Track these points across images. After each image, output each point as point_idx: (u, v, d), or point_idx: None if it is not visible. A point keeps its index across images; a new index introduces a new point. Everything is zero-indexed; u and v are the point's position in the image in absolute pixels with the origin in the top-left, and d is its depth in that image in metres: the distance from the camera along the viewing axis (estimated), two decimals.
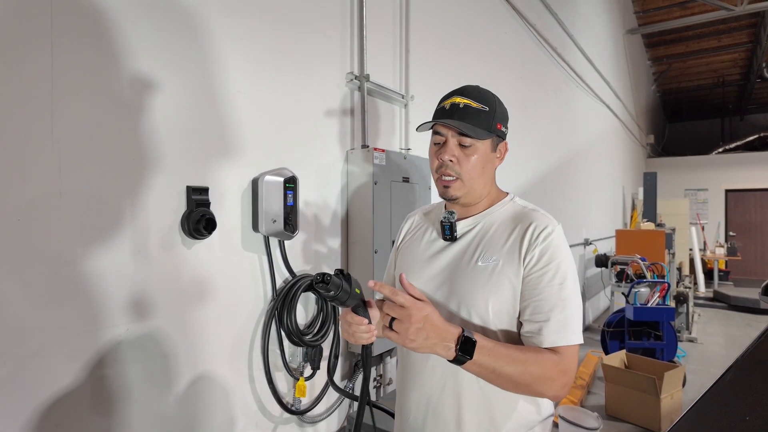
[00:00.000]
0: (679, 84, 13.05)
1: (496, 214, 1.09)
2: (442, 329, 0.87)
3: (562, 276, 0.97)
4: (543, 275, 0.97)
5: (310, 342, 1.77)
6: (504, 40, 3.66)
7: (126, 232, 1.30)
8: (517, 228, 1.04)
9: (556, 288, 0.96)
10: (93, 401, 1.24)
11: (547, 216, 1.05)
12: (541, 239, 0.99)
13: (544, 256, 0.98)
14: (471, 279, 1.02)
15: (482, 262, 1.03)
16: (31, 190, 1.12)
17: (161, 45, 1.38)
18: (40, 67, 1.13)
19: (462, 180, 1.05)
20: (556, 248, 0.99)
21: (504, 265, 1.00)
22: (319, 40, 1.93)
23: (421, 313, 0.85)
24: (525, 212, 1.07)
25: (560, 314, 0.95)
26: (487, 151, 1.06)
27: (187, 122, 1.45)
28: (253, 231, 1.64)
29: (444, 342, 0.87)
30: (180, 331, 1.44)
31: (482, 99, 1.05)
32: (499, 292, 0.99)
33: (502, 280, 1.00)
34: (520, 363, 0.90)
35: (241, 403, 1.64)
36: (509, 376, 0.90)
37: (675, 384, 3.27)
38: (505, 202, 1.12)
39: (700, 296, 8.22)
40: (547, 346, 0.95)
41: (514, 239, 1.02)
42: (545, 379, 0.92)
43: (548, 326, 0.95)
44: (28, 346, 1.12)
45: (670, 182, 11.62)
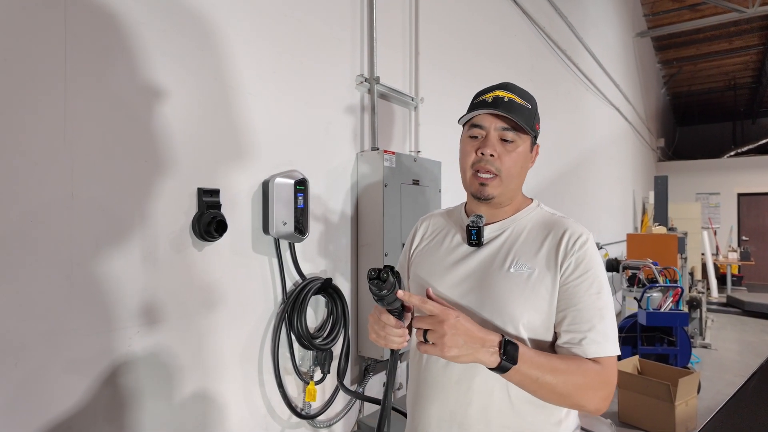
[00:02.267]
0: (689, 87, 12.94)
1: (524, 220, 1.05)
2: (478, 334, 0.85)
3: (599, 285, 0.95)
4: (580, 284, 0.94)
5: (321, 346, 1.76)
6: (513, 43, 3.65)
7: (137, 234, 1.29)
8: (550, 235, 1.00)
9: (594, 297, 0.93)
10: (103, 404, 1.23)
11: (579, 224, 1.02)
12: (578, 247, 0.96)
13: (580, 264, 0.95)
14: (505, 287, 0.97)
15: (515, 270, 0.98)
16: (43, 192, 1.12)
17: (173, 48, 1.38)
18: (53, 70, 1.13)
19: (500, 178, 1.00)
20: (592, 257, 0.96)
21: (540, 274, 0.96)
22: (329, 43, 1.93)
23: (451, 318, 0.83)
24: (555, 219, 1.03)
25: (599, 324, 0.92)
26: (527, 149, 1.03)
27: (199, 124, 1.45)
28: (264, 233, 1.63)
29: (485, 347, 0.84)
30: (190, 334, 1.43)
31: (525, 96, 1.03)
32: (536, 301, 0.95)
33: (539, 288, 0.96)
34: (563, 372, 0.88)
35: (251, 406, 1.63)
36: (552, 385, 0.87)
37: (690, 390, 3.21)
38: (532, 208, 1.07)
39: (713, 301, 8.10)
40: (588, 357, 0.92)
41: (549, 247, 0.98)
42: (588, 389, 0.89)
43: (589, 337, 0.92)
44: (38, 349, 1.11)
45: (681, 186, 11.50)
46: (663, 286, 4.35)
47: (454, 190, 2.70)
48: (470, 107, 1.04)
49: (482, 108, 1.00)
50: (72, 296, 1.17)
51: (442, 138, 2.63)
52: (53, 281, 1.13)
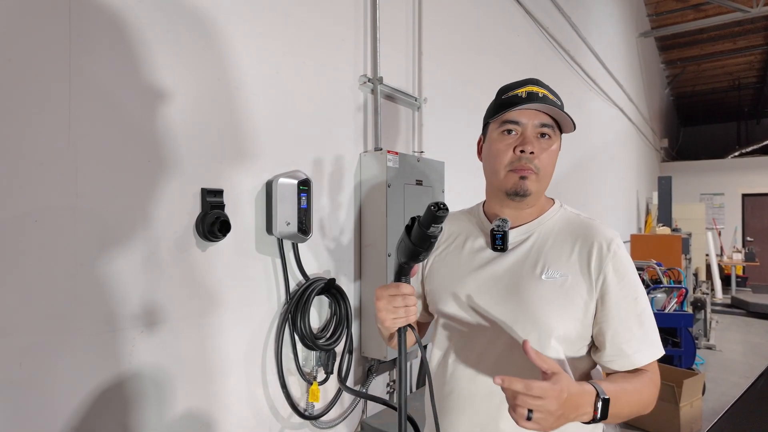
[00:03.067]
0: (693, 87, 12.90)
1: (550, 223, 0.99)
2: (580, 402, 0.78)
3: (635, 290, 0.91)
4: (619, 293, 0.90)
5: (324, 346, 1.76)
6: (517, 43, 3.64)
7: (141, 234, 1.29)
8: (579, 240, 0.94)
9: (632, 305, 0.90)
10: (107, 405, 1.23)
11: (605, 225, 0.97)
12: (612, 254, 0.91)
13: (618, 271, 0.90)
14: (539, 295, 0.91)
15: (547, 277, 0.92)
16: (48, 192, 1.12)
17: (177, 49, 1.38)
18: (57, 71, 1.13)
19: (538, 175, 0.94)
20: (625, 261, 0.92)
21: (574, 281, 0.91)
22: (333, 43, 1.93)
23: (560, 400, 0.74)
24: (582, 222, 0.98)
25: (639, 331, 0.90)
26: (558, 144, 0.97)
27: (203, 125, 1.45)
28: (267, 233, 1.63)
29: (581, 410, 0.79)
30: (193, 334, 1.43)
31: (555, 93, 0.97)
32: (573, 310, 0.90)
33: (574, 297, 0.90)
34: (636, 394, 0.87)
35: (254, 407, 1.62)
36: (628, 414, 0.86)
37: (695, 392, 3.20)
38: (556, 210, 1.01)
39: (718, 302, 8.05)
40: (636, 366, 0.90)
41: (581, 253, 0.93)
42: (651, 402, 0.89)
43: (634, 346, 0.89)
44: (41, 348, 1.11)
45: (685, 187, 11.45)
46: (667, 287, 4.33)
47: (457, 191, 2.69)
48: (500, 104, 0.97)
49: (519, 103, 0.92)
50: (76, 297, 1.17)
51: (446, 138, 2.63)
52: (57, 282, 1.13)
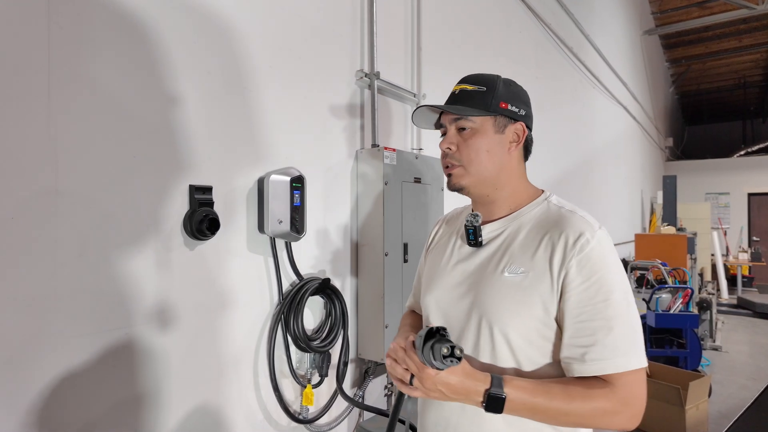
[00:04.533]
0: (698, 86, 12.79)
1: (525, 218, 0.96)
2: (463, 389, 0.80)
3: (607, 291, 0.83)
4: (583, 293, 0.83)
5: (318, 348, 1.71)
6: (518, 39, 3.58)
7: (125, 232, 1.25)
8: (548, 235, 0.89)
9: (600, 306, 0.82)
10: (89, 407, 1.19)
11: (586, 219, 0.90)
12: (578, 250, 0.84)
13: (582, 269, 0.84)
14: (497, 292, 0.90)
15: (509, 273, 0.90)
16: (26, 188, 1.07)
17: (163, 41, 1.33)
18: (35, 62, 1.09)
19: (464, 166, 0.96)
20: (597, 258, 0.84)
21: (535, 278, 0.87)
22: (328, 37, 1.88)
23: (434, 381, 0.79)
24: (559, 215, 0.92)
25: (606, 338, 0.81)
26: (489, 131, 0.95)
27: (191, 119, 1.40)
28: (259, 232, 1.58)
29: (470, 396, 0.81)
30: (181, 336, 1.38)
31: (479, 81, 0.97)
32: (529, 309, 0.87)
33: (532, 294, 0.87)
34: (563, 401, 0.81)
35: (246, 410, 1.58)
36: (553, 417, 0.82)
37: (701, 394, 3.13)
38: (538, 203, 0.97)
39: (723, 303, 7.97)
40: (592, 374, 0.82)
41: (545, 248, 0.88)
42: (600, 414, 0.81)
43: (593, 352, 0.82)
44: (20, 350, 1.07)
45: (690, 186, 11.35)
46: (672, 287, 4.27)
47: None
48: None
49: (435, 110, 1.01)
50: (56, 297, 1.12)
51: None
52: (36, 282, 1.09)
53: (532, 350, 0.88)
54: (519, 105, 0.97)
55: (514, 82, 1.00)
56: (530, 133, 1.00)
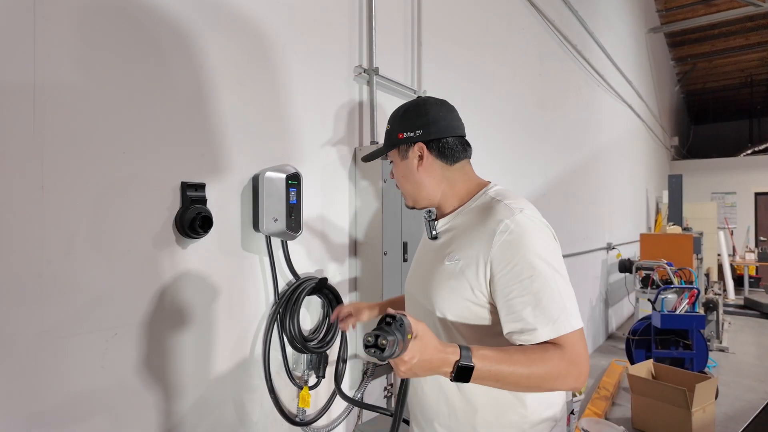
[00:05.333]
0: (704, 84, 12.68)
1: (466, 211, 1.10)
2: (435, 362, 0.84)
3: (530, 268, 0.92)
4: (508, 273, 0.93)
5: (315, 349, 1.67)
6: (521, 35, 3.54)
7: (114, 229, 1.22)
8: (478, 225, 1.02)
9: (526, 283, 0.92)
10: (76, 410, 1.15)
11: (509, 206, 0.99)
12: (498, 235, 0.96)
13: (505, 252, 0.94)
14: (437, 278, 1.05)
15: (448, 261, 1.04)
16: (10, 185, 1.04)
17: (152, 33, 1.30)
18: (21, 55, 1.06)
19: (401, 191, 1.19)
20: (516, 240, 0.94)
21: (465, 264, 1.00)
22: (325, 31, 1.84)
23: (406, 366, 0.83)
24: (489, 206, 1.04)
25: (537, 308, 0.91)
26: (398, 161, 1.15)
27: (182, 114, 1.37)
28: (254, 230, 1.55)
29: (440, 369, 0.86)
30: (174, 336, 1.35)
31: (390, 120, 1.17)
32: (461, 292, 1.00)
33: (461, 279, 1.00)
34: (524, 365, 0.87)
35: (241, 413, 1.54)
36: (515, 382, 0.88)
37: (707, 396, 3.08)
38: (477, 197, 1.10)
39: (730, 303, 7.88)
40: (537, 342, 0.91)
41: (474, 238, 1.01)
42: (555, 376, 0.89)
43: (527, 324, 0.91)
44: (5, 351, 1.04)
45: (696, 185, 11.25)
46: (678, 288, 4.21)
47: None
48: None
49: None
50: (43, 296, 1.09)
51: None
52: (22, 280, 1.06)
53: (469, 329, 1.01)
54: (413, 128, 1.11)
55: (418, 104, 1.13)
56: (445, 140, 1.11)
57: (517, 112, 3.39)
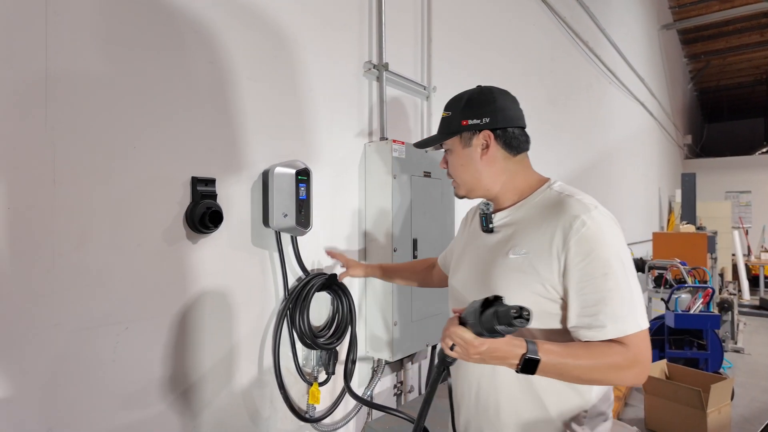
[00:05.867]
0: (718, 82, 12.48)
1: (530, 204, 1.07)
2: (503, 354, 0.87)
3: (605, 265, 0.92)
4: (583, 269, 0.93)
5: (324, 345, 1.66)
6: (532, 32, 3.50)
7: (125, 224, 1.22)
8: (549, 217, 1.00)
9: (599, 281, 0.92)
10: (88, 404, 1.16)
11: (582, 201, 0.99)
12: (575, 230, 0.94)
13: (581, 248, 0.93)
14: (502, 271, 1.02)
15: (513, 255, 1.01)
16: (22, 179, 1.05)
17: (163, 28, 1.30)
18: (33, 51, 1.06)
19: (456, 181, 1.16)
20: (593, 236, 0.93)
21: (534, 258, 0.98)
22: (335, 27, 1.83)
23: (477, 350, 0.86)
24: (558, 200, 1.02)
25: (608, 307, 0.91)
26: (458, 149, 1.12)
27: (193, 109, 1.37)
28: (264, 226, 1.55)
29: (507, 360, 0.88)
30: (184, 331, 1.35)
31: (448, 107, 1.15)
32: (530, 286, 0.98)
33: (531, 273, 0.98)
34: (588, 360, 0.90)
35: (251, 409, 1.54)
36: (577, 376, 0.91)
37: (723, 398, 3.02)
38: (541, 191, 1.08)
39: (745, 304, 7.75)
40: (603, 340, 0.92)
41: (546, 230, 0.98)
42: (617, 372, 0.91)
43: (597, 321, 0.92)
44: (17, 344, 1.04)
45: (709, 184, 11.08)
46: (692, 287, 4.14)
47: None
48: None
49: None
50: (54, 290, 1.09)
51: None
52: (33, 275, 1.06)
53: (536, 322, 0.96)
54: (480, 116, 1.08)
55: (483, 91, 1.12)
56: (511, 130, 1.09)
57: (528, 109, 3.35)
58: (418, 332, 2.04)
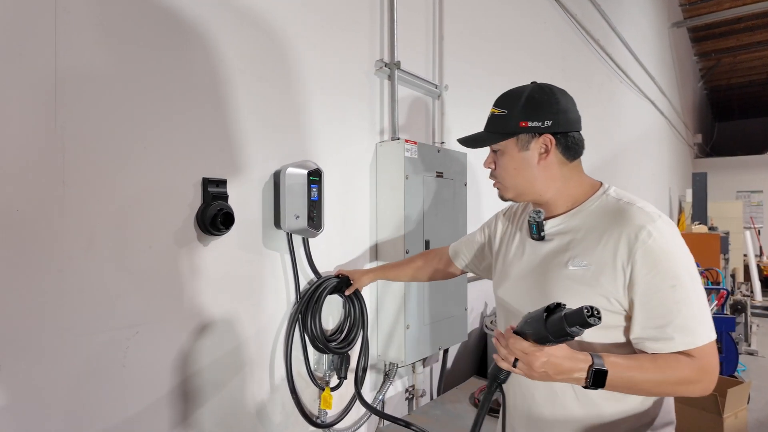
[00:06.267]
0: (728, 80, 12.32)
1: (586, 212, 1.03)
2: (568, 367, 0.85)
3: (673, 277, 0.89)
4: (651, 281, 0.90)
5: (336, 349, 1.63)
6: (544, 29, 3.45)
7: (135, 226, 1.19)
8: (611, 228, 0.95)
9: (668, 293, 0.89)
10: (98, 411, 1.13)
11: (645, 210, 0.95)
12: (641, 242, 0.90)
13: (648, 260, 0.90)
14: (562, 285, 0.98)
15: (573, 266, 0.98)
16: (31, 180, 1.02)
17: (170, 25, 1.27)
18: (42, 49, 1.04)
19: (503, 183, 1.09)
20: (660, 247, 0.90)
21: (597, 271, 0.94)
22: (346, 24, 1.80)
23: (539, 361, 0.84)
24: (619, 208, 0.98)
25: (677, 319, 0.89)
26: (513, 151, 1.04)
27: (203, 109, 1.34)
28: (275, 227, 1.52)
29: (573, 375, 0.86)
30: (194, 335, 1.32)
31: (502, 103, 1.06)
32: (593, 299, 0.93)
33: (595, 286, 0.94)
34: (655, 373, 0.88)
35: (262, 413, 1.51)
36: (646, 389, 0.90)
37: (740, 402, 2.95)
38: (597, 197, 1.04)
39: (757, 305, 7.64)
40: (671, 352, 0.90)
41: (608, 241, 0.94)
42: (686, 384, 0.89)
43: (665, 333, 0.89)
44: (26, 352, 1.02)
45: (720, 184, 10.93)
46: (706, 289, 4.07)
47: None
48: None
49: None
50: (63, 293, 1.07)
51: (468, 128, 2.46)
52: (43, 276, 1.04)
53: (602, 336, 0.95)
54: (542, 118, 1.01)
55: (544, 90, 1.04)
56: (572, 134, 1.04)
57: None
58: (431, 335, 2.00)
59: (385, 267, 1.68)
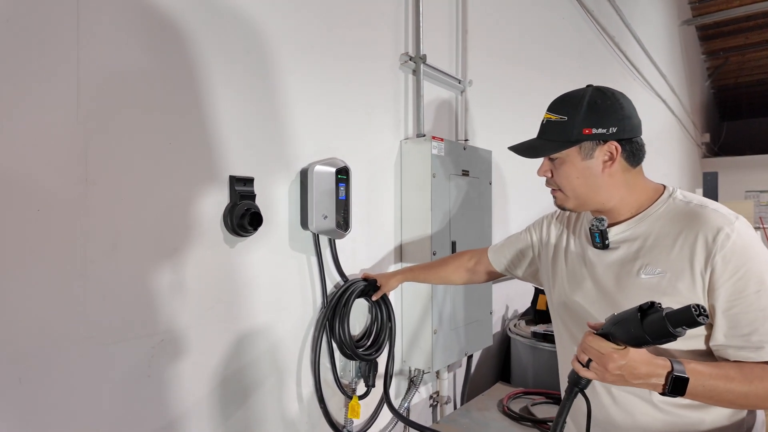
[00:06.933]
0: (736, 79, 12.21)
1: (653, 217, 0.98)
2: (645, 372, 0.80)
3: (757, 281, 0.84)
4: (733, 286, 0.85)
5: (364, 355, 1.56)
6: (562, 24, 3.38)
7: (160, 227, 1.12)
8: (684, 232, 0.91)
9: (752, 298, 0.84)
10: (123, 423, 1.06)
11: (720, 212, 0.90)
12: (720, 245, 0.86)
13: (729, 264, 0.85)
14: (636, 293, 0.93)
15: (646, 275, 0.93)
16: (53, 178, 0.95)
17: (197, 19, 1.20)
18: (64, 38, 0.97)
19: (563, 191, 1.03)
20: (741, 250, 0.85)
21: (674, 277, 0.90)
22: (371, 17, 1.73)
23: (616, 363, 0.79)
24: (691, 211, 0.93)
25: (765, 326, 0.83)
26: (575, 160, 0.99)
27: (229, 104, 1.26)
28: (302, 228, 1.44)
29: (650, 380, 0.81)
30: (220, 340, 1.25)
31: (560, 109, 1.01)
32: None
33: (673, 294, 0.89)
34: (742, 384, 0.82)
35: (288, 423, 1.44)
36: (731, 400, 0.83)
37: None
38: (663, 201, 0.99)
39: None
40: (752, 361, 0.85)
41: (683, 246, 0.90)
42: None
43: (752, 341, 0.84)
44: (46, 360, 0.95)
45: (729, 183, 10.82)
46: None
47: (504, 182, 2.47)
48: None
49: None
50: (86, 299, 1.00)
51: (492, 125, 2.39)
52: (64, 281, 0.97)
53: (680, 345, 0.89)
54: (606, 124, 0.96)
55: (606, 94, 0.99)
56: (636, 139, 1.00)
57: None
58: (458, 340, 1.93)
59: (414, 269, 1.61)
